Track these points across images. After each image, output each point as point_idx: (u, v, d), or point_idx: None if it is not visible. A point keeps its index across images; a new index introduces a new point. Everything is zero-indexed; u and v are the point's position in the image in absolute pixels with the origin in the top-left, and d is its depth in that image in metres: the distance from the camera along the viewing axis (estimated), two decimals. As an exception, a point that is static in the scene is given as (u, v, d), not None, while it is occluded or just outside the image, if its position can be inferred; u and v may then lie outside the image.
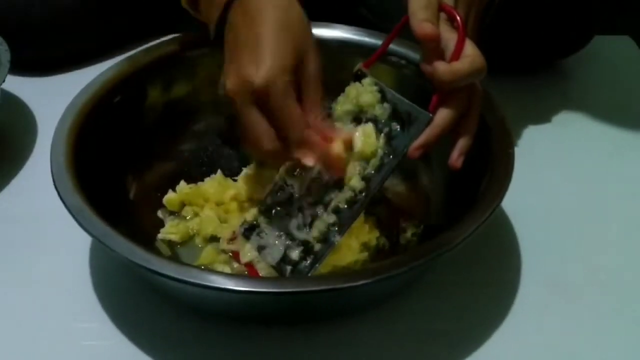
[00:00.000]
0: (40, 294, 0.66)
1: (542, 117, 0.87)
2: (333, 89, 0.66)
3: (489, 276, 0.68)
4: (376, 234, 0.68)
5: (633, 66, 0.97)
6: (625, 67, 0.97)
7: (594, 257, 0.70)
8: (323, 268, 0.63)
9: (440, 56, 0.59)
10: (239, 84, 0.58)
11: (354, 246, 0.66)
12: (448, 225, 0.59)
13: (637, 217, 0.75)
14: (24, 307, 0.65)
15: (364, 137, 0.63)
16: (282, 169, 0.65)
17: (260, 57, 0.57)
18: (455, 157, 0.61)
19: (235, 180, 0.73)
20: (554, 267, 0.69)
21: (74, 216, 0.58)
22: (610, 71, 0.96)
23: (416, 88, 0.64)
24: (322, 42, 0.76)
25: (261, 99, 0.57)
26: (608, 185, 0.79)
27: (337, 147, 0.61)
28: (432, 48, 0.59)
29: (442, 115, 0.60)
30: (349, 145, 0.62)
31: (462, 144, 0.61)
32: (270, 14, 0.59)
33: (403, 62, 0.72)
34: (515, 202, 0.69)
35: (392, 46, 0.68)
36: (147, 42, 0.77)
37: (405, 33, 0.61)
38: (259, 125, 0.58)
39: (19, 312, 0.65)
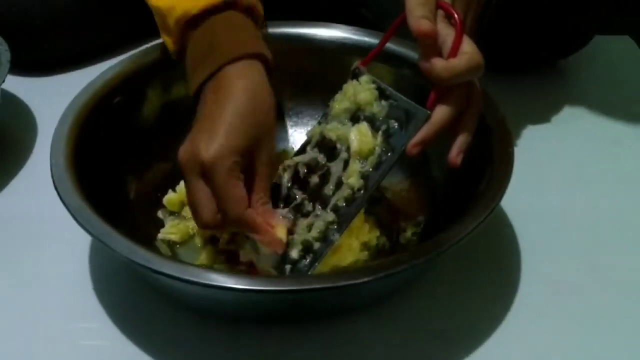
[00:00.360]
0: (40, 293, 0.66)
1: (542, 117, 0.87)
2: (332, 89, 0.66)
3: (489, 275, 0.68)
4: (376, 233, 0.68)
5: (633, 66, 0.97)
6: (625, 67, 0.97)
7: (594, 256, 0.70)
8: (323, 268, 0.63)
9: (438, 53, 0.59)
10: (190, 154, 0.59)
11: (354, 246, 0.66)
12: (448, 224, 0.59)
13: (638, 216, 0.75)
14: (23, 307, 0.65)
15: (360, 136, 0.63)
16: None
17: (213, 135, 0.59)
18: (455, 155, 0.61)
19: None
20: (553, 266, 0.69)
21: (73, 216, 0.58)
22: (610, 71, 0.96)
23: (414, 87, 0.64)
24: (323, 43, 0.78)
25: (207, 174, 0.59)
26: (608, 184, 0.79)
27: (279, 232, 0.62)
28: (430, 45, 0.59)
29: (440, 112, 0.60)
30: (291, 230, 0.63)
31: (461, 141, 0.61)
32: (237, 96, 0.60)
33: (401, 62, 0.72)
34: (515, 202, 0.69)
35: (391, 46, 0.69)
36: (147, 42, 0.77)
37: (404, 32, 0.62)
38: (200, 196, 0.59)
39: (18, 311, 0.65)
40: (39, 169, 0.77)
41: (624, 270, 0.69)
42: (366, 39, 0.76)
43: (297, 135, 0.79)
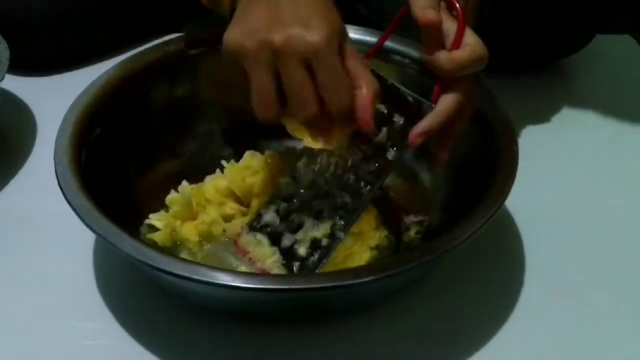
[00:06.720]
0: (41, 293, 0.66)
1: (543, 116, 0.87)
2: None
3: (492, 275, 0.68)
4: (384, 232, 0.68)
5: (634, 65, 0.97)
6: (625, 66, 0.97)
7: (597, 257, 0.70)
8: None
9: (441, 46, 0.59)
10: (258, 40, 0.55)
11: (365, 255, 0.65)
12: (452, 223, 0.59)
13: (640, 216, 0.75)
14: (25, 307, 0.65)
15: None
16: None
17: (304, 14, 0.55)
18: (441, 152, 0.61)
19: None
20: (557, 266, 0.69)
21: (80, 216, 0.57)
22: (611, 71, 0.96)
23: (418, 86, 0.64)
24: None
25: (311, 59, 0.54)
26: (610, 184, 0.79)
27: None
28: (433, 37, 0.59)
29: (445, 103, 0.59)
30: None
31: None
32: None
33: (406, 60, 0.72)
34: (518, 201, 0.68)
35: (395, 45, 0.69)
36: (148, 41, 0.77)
37: (405, 30, 0.61)
38: (303, 83, 0.55)
39: (19, 312, 0.65)
40: (39, 168, 0.77)
41: (628, 270, 0.69)
42: (365, 37, 0.76)
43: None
